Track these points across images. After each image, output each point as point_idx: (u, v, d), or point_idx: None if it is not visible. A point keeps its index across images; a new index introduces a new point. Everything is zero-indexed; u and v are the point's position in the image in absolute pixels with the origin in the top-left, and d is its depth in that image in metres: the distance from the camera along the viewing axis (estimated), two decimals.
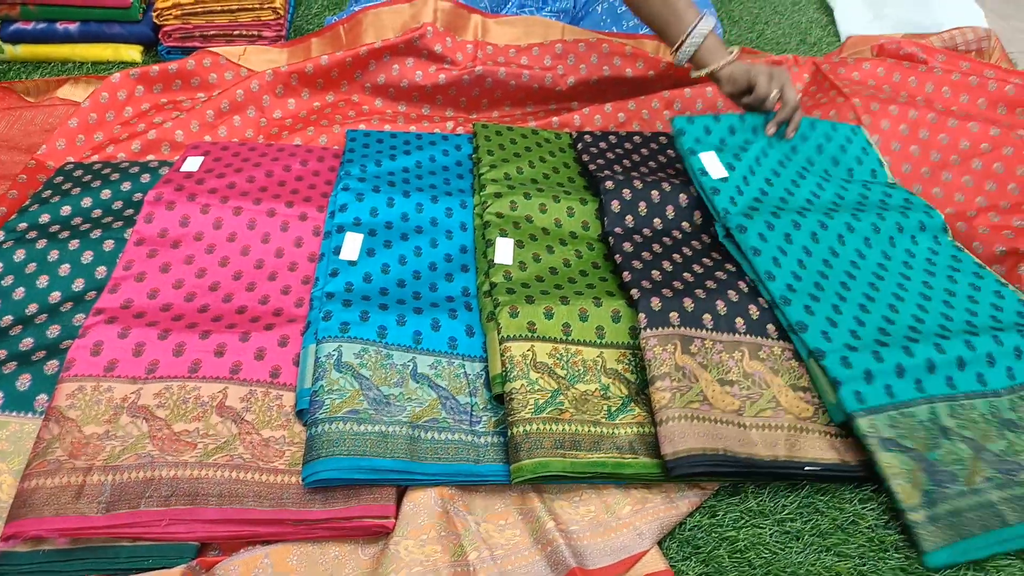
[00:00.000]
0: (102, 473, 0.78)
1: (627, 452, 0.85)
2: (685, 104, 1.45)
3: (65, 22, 1.60)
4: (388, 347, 0.92)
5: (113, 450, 0.80)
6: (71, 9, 1.59)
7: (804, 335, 0.93)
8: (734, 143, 1.20)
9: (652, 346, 0.91)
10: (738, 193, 1.12)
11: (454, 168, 1.28)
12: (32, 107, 1.44)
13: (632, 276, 1.01)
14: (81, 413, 0.83)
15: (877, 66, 1.48)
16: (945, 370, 0.91)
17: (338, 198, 1.13)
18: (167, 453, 0.81)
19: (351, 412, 0.84)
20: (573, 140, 1.33)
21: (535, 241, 1.09)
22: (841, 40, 1.85)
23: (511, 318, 0.93)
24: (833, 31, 1.94)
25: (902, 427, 0.85)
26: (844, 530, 0.84)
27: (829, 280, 1.03)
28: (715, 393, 0.89)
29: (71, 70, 1.61)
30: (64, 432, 0.81)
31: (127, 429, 0.82)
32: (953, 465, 0.84)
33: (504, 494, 0.85)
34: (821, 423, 0.89)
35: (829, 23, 1.98)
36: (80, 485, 0.77)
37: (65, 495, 0.76)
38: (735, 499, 0.87)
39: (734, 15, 1.97)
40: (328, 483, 0.79)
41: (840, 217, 1.12)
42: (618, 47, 1.49)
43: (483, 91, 1.48)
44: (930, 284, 1.07)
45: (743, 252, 1.04)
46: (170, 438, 0.82)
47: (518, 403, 0.86)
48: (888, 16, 1.91)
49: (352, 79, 1.47)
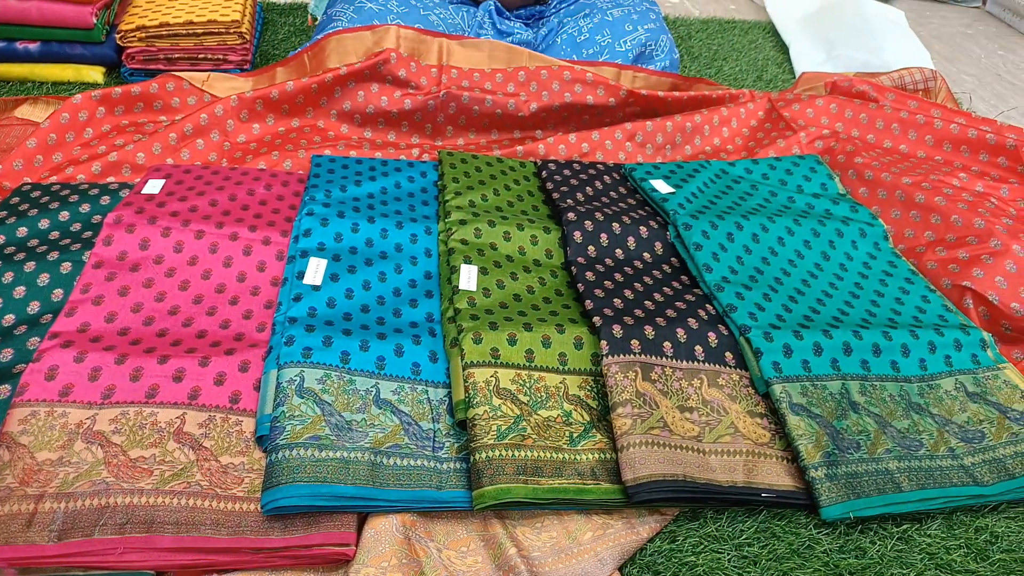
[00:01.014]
0: (55, 500, 0.76)
1: (589, 478, 0.86)
2: (646, 136, 1.48)
3: (25, 41, 1.58)
4: (351, 372, 0.91)
5: (67, 477, 0.78)
6: (32, 29, 1.57)
7: (733, 315, 1.01)
8: (680, 174, 1.34)
9: (614, 373, 0.92)
10: (687, 202, 1.24)
11: (419, 195, 1.29)
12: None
13: (594, 304, 1.03)
14: (34, 439, 0.81)
15: (830, 103, 1.54)
16: (861, 354, 1.00)
17: (302, 223, 1.13)
18: (123, 480, 0.79)
19: (312, 438, 0.83)
20: (537, 168, 1.36)
21: (499, 268, 1.10)
22: (795, 77, 1.92)
23: (475, 344, 0.94)
24: (788, 68, 2.01)
25: (812, 396, 0.94)
26: (800, 555, 0.86)
27: (764, 275, 1.13)
28: (675, 419, 0.91)
29: (30, 90, 1.59)
30: (15, 458, 0.79)
31: (81, 455, 0.80)
32: (859, 436, 0.92)
33: (466, 520, 0.85)
34: (778, 448, 0.91)
35: (784, 60, 2.05)
36: (31, 513, 0.75)
37: (15, 523, 0.74)
38: (694, 524, 0.88)
39: (694, 51, 2.03)
40: (288, 510, 0.78)
41: (782, 221, 1.22)
42: (580, 74, 1.53)
43: (447, 118, 1.50)
44: (861, 285, 1.16)
45: (687, 248, 1.13)
46: (126, 464, 0.80)
47: (481, 429, 0.86)
48: (840, 56, 1.99)
49: (317, 105, 1.48)
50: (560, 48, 1.69)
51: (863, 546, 0.87)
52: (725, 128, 1.53)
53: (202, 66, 1.62)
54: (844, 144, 1.45)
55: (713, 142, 1.52)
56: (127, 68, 1.61)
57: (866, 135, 1.52)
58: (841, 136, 1.49)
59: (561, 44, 1.70)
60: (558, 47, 1.69)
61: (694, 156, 1.51)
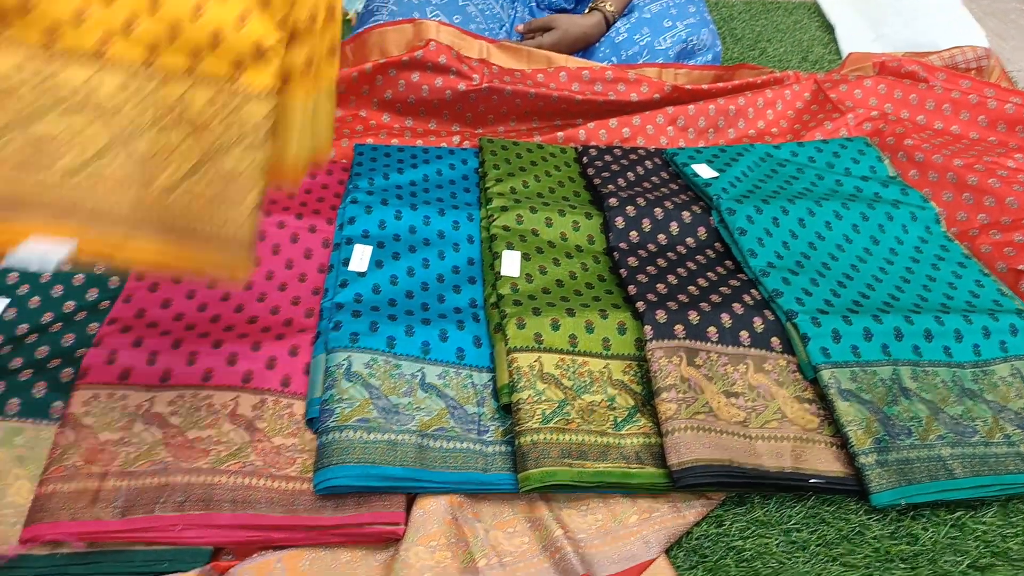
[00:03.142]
0: (117, 479, 0.80)
1: (634, 462, 0.86)
2: (688, 120, 1.47)
3: None
4: (397, 357, 0.93)
5: (128, 456, 0.82)
6: None
7: (780, 300, 1.00)
8: (724, 158, 1.31)
9: (658, 358, 0.92)
10: (731, 186, 1.22)
11: (460, 182, 1.30)
12: None
13: (637, 290, 1.03)
14: (96, 420, 0.84)
15: (878, 84, 1.50)
16: (912, 339, 0.98)
17: (347, 211, 1.15)
18: (181, 460, 0.82)
19: (361, 420, 0.85)
20: (578, 154, 1.35)
21: (541, 254, 1.11)
22: (842, 58, 1.88)
23: (518, 329, 0.95)
24: (834, 49, 1.97)
25: (862, 382, 0.92)
26: (850, 540, 0.85)
27: (811, 260, 1.11)
28: (720, 405, 0.90)
29: None
30: (80, 439, 0.82)
31: (141, 436, 0.84)
32: (910, 422, 0.90)
33: (512, 502, 0.86)
34: (827, 434, 0.90)
35: (830, 41, 2.01)
36: (96, 490, 0.78)
37: (82, 500, 0.77)
38: (741, 509, 0.88)
39: (736, 33, 2.00)
40: (339, 490, 0.80)
41: (830, 205, 1.19)
42: (622, 74, 1.51)
43: (489, 107, 1.50)
44: (912, 269, 1.13)
45: (731, 234, 1.12)
46: (184, 445, 0.83)
47: (525, 413, 0.87)
48: (888, 35, 1.94)
49: (360, 94, 1.49)
50: (599, 51, 1.66)
51: (915, 532, 0.86)
52: (769, 111, 1.51)
53: None
54: (893, 126, 1.42)
55: (757, 125, 1.50)
56: None
57: (916, 116, 1.48)
58: (890, 118, 1.45)
59: (600, 47, 1.66)
60: (597, 51, 1.66)
61: (737, 140, 1.48)
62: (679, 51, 1.65)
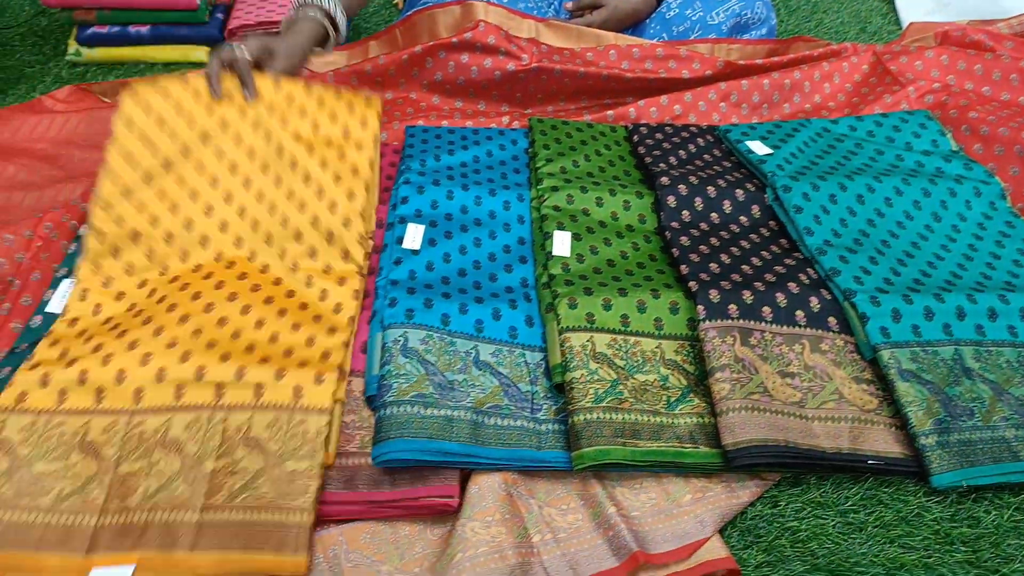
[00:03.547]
0: None
1: (687, 442, 0.86)
2: (741, 96, 1.44)
3: (137, 25, 1.67)
4: (451, 334, 0.94)
5: None
6: (142, 12, 1.66)
7: (837, 279, 0.98)
8: (779, 134, 1.28)
9: (711, 338, 0.92)
10: (786, 163, 1.19)
11: (511, 162, 1.30)
12: (109, 107, 1.50)
13: (690, 269, 1.02)
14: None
15: (940, 54, 1.45)
16: (975, 319, 0.95)
17: (400, 191, 1.17)
18: None
19: (418, 396, 0.86)
20: (628, 132, 1.34)
21: (592, 234, 1.11)
22: (902, 28, 1.81)
23: (570, 309, 0.95)
24: (894, 19, 1.90)
25: (923, 362, 0.90)
26: (909, 522, 0.84)
27: (870, 238, 1.08)
28: (776, 385, 0.89)
29: (143, 71, 1.68)
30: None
31: None
32: (972, 403, 0.88)
33: (565, 480, 0.86)
34: (886, 415, 0.89)
35: (889, 11, 1.94)
36: None
37: None
38: (797, 490, 0.87)
39: (791, 4, 1.94)
40: (396, 463, 0.82)
41: (889, 181, 1.16)
42: (672, 50, 1.49)
43: (538, 86, 1.49)
44: (975, 247, 1.10)
45: (787, 211, 1.10)
46: None
47: (578, 392, 0.87)
48: (951, 3, 1.87)
49: (410, 76, 1.50)
50: (649, 27, 1.63)
51: (977, 515, 0.84)
52: (826, 84, 1.46)
53: None
54: (957, 98, 1.37)
55: (813, 99, 1.46)
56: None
57: (981, 88, 1.42)
58: (953, 90, 1.40)
59: (650, 24, 1.63)
60: (647, 27, 1.63)
61: (793, 115, 1.45)
62: (732, 25, 1.60)
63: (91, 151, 1.38)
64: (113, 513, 0.76)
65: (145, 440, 0.81)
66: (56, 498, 0.77)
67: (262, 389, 0.84)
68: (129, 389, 0.84)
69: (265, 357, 0.88)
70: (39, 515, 0.75)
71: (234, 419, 0.82)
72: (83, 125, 1.46)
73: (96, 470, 0.79)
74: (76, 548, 0.74)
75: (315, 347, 0.90)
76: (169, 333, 0.90)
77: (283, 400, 0.83)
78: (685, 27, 1.59)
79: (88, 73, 1.68)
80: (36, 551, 0.73)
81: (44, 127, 1.44)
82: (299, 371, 0.86)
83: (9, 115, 1.46)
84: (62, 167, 1.35)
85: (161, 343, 0.89)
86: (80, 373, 0.86)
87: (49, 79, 1.65)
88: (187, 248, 1.02)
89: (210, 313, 0.93)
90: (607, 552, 0.79)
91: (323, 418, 0.83)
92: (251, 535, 0.75)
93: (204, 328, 0.91)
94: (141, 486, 0.78)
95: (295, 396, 0.84)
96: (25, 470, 0.78)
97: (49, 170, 1.34)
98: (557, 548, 0.79)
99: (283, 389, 0.84)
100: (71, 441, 0.81)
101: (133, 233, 1.02)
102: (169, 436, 0.81)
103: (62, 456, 0.80)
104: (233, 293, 0.96)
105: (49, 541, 0.74)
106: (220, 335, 0.90)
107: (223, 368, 0.86)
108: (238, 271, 1.01)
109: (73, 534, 0.74)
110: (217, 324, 0.92)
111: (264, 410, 0.83)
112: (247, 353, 0.88)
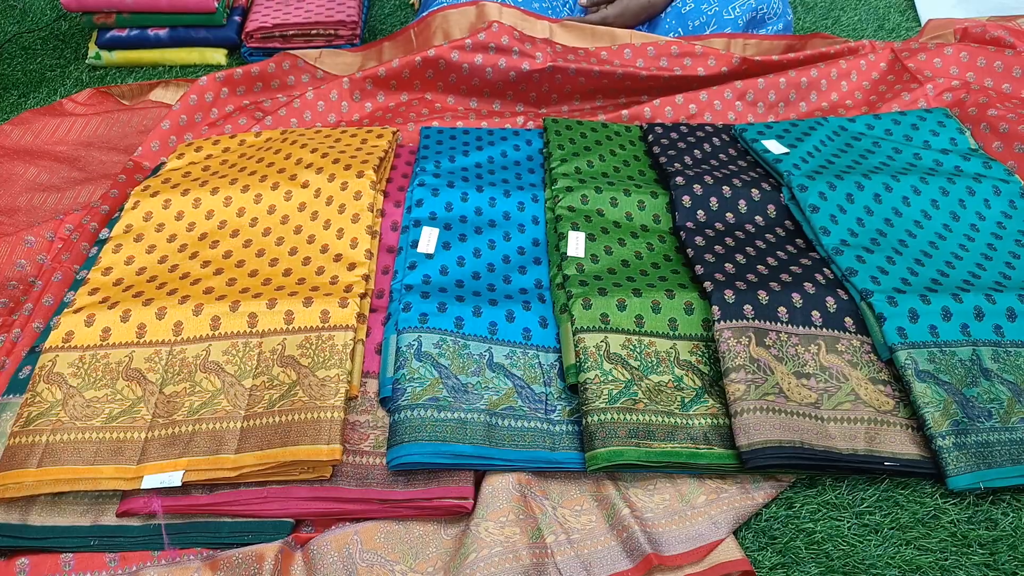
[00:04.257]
0: None
1: (701, 443, 0.86)
2: (757, 94, 1.43)
3: (156, 28, 1.69)
4: (465, 337, 0.95)
5: None
6: (161, 16, 1.67)
7: (854, 279, 0.97)
8: (795, 132, 1.28)
9: (726, 338, 0.91)
10: (802, 162, 1.19)
11: (525, 163, 1.30)
12: (128, 110, 1.52)
13: (705, 269, 1.01)
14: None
15: (960, 51, 1.43)
16: (994, 319, 0.94)
17: (414, 193, 1.17)
18: None
19: (431, 399, 0.87)
20: (643, 132, 1.34)
21: (607, 234, 1.10)
22: (921, 25, 1.79)
23: (584, 310, 0.95)
24: (912, 16, 1.88)
25: (940, 363, 0.89)
26: (925, 524, 0.83)
27: (887, 238, 1.07)
28: (791, 386, 0.89)
29: (162, 74, 1.70)
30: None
31: None
32: (991, 404, 0.87)
33: (579, 481, 0.87)
34: (903, 416, 0.88)
35: (908, 7, 1.92)
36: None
37: None
38: (812, 491, 0.87)
39: (808, 1, 1.93)
40: (411, 466, 0.83)
41: (907, 180, 1.15)
42: (688, 48, 1.48)
43: (552, 86, 1.49)
44: (994, 246, 1.08)
45: (803, 211, 1.09)
46: None
47: (592, 393, 0.88)
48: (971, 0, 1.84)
49: (424, 78, 1.51)
50: (665, 23, 1.62)
51: (994, 517, 0.83)
52: (844, 82, 1.45)
53: (315, 42, 1.69)
54: (976, 95, 1.35)
55: (830, 98, 1.45)
56: (247, 47, 1.70)
57: (1001, 85, 1.41)
58: (973, 87, 1.39)
59: (665, 18, 1.63)
60: (663, 22, 1.63)
61: (809, 113, 1.44)
62: (748, 20, 1.60)
63: (111, 153, 1.40)
64: (161, 427, 0.84)
65: (187, 365, 0.89)
66: (107, 418, 0.85)
67: (292, 316, 0.93)
68: (169, 323, 0.92)
69: (293, 293, 0.96)
70: (93, 433, 0.83)
71: (268, 343, 0.91)
72: (103, 128, 1.48)
73: (142, 393, 0.87)
74: (129, 458, 0.82)
75: (339, 284, 0.99)
76: (204, 283, 0.99)
77: (312, 323, 0.92)
78: (700, 21, 1.59)
79: (108, 76, 1.70)
80: (92, 464, 0.81)
81: (65, 130, 1.47)
82: (325, 299, 0.95)
83: (30, 118, 1.48)
84: (82, 169, 1.37)
85: (198, 289, 0.98)
86: (123, 312, 0.93)
87: (70, 82, 1.67)
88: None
89: (241, 268, 1.03)
90: (621, 554, 0.79)
91: (348, 334, 0.91)
92: (289, 432, 0.82)
93: (238, 278, 1.00)
94: (186, 403, 0.86)
95: (323, 319, 0.92)
96: (78, 397, 0.86)
97: (69, 172, 1.36)
98: (571, 549, 0.79)
99: (311, 314, 0.93)
100: (117, 370, 0.89)
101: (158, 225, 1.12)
102: (210, 360, 0.89)
103: (110, 383, 0.88)
104: (261, 249, 1.06)
105: (103, 454, 0.82)
106: (252, 283, 0.99)
107: (256, 302, 0.94)
108: (262, 227, 1.10)
109: (125, 447, 0.82)
110: (249, 275, 1.01)
111: (295, 333, 0.91)
112: (277, 292, 0.97)
